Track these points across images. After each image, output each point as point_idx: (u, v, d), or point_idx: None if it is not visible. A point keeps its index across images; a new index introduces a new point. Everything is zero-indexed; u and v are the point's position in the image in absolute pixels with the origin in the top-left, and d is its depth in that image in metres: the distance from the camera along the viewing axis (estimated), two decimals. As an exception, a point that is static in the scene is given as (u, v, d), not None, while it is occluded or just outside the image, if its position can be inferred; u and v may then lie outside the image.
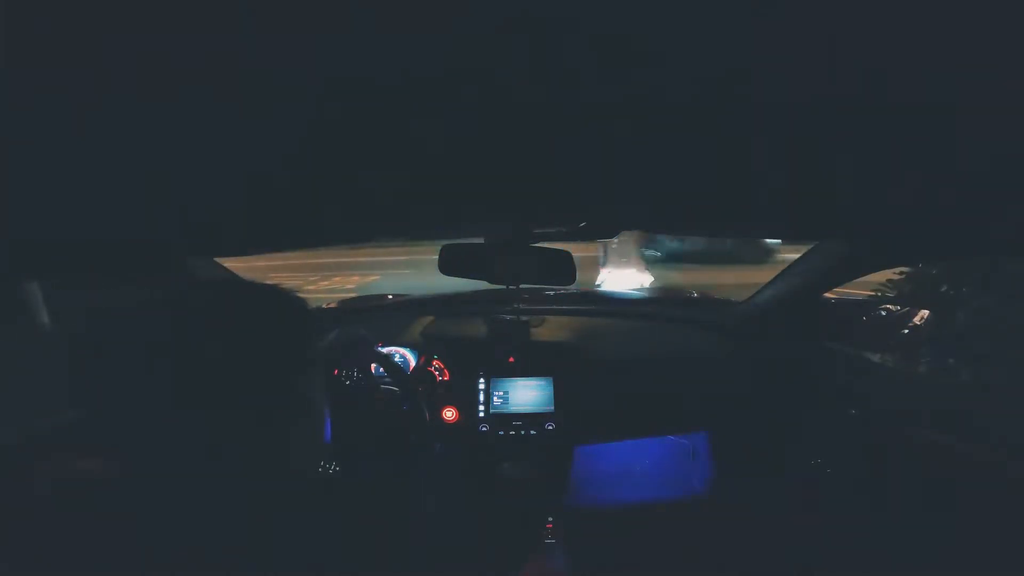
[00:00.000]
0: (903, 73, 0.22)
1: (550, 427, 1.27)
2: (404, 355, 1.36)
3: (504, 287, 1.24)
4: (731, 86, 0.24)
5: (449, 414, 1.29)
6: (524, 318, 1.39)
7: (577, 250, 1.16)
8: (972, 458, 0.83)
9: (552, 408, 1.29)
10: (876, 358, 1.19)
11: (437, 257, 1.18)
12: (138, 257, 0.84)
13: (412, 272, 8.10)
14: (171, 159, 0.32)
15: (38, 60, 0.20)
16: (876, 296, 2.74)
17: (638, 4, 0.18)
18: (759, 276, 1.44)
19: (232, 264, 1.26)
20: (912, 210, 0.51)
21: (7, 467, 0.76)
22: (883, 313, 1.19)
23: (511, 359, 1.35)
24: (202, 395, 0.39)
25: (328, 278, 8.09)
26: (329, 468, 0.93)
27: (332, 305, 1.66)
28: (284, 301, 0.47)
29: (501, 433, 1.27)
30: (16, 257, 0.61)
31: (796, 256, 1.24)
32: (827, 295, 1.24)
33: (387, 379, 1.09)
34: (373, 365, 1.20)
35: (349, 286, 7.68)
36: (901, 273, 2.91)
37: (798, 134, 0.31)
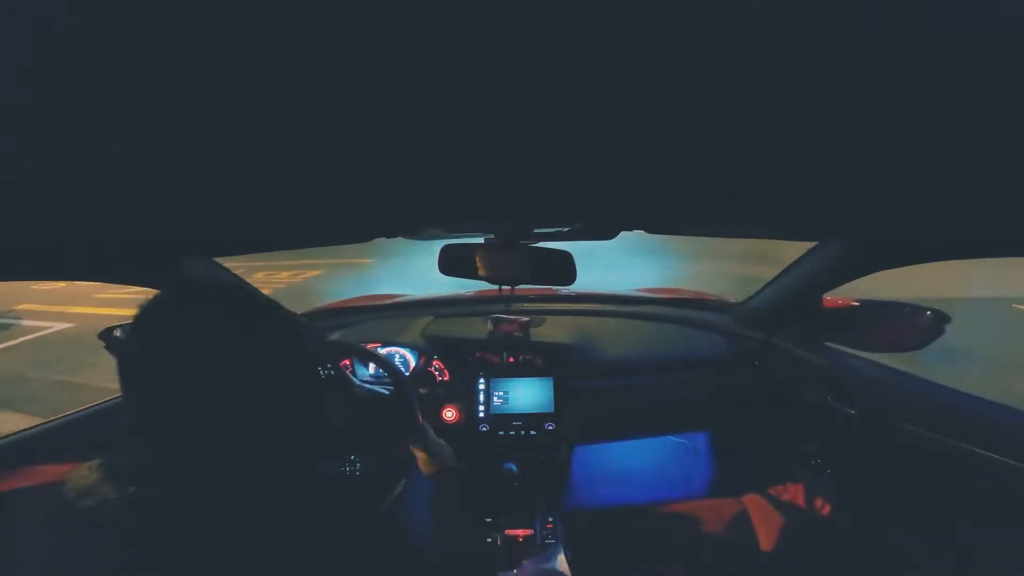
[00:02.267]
0: (903, 71, 0.22)
1: (550, 427, 1.27)
2: (404, 355, 1.36)
3: (503, 287, 1.24)
4: (730, 83, 0.24)
5: (449, 414, 1.29)
6: (524, 318, 1.39)
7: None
8: (972, 458, 0.83)
9: (552, 408, 1.29)
10: (876, 358, 1.18)
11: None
12: (138, 257, 0.84)
13: (375, 262, 6.19)
14: (172, 158, 0.32)
15: (37, 58, 0.20)
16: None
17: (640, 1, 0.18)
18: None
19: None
20: (912, 210, 0.50)
21: None
22: (883, 313, 1.19)
23: (511, 359, 1.35)
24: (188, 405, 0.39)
25: (251, 271, 5.89)
26: (349, 470, 0.92)
27: (332, 305, 1.66)
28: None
29: (501, 433, 1.27)
30: (16, 257, 0.61)
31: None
32: (827, 295, 1.24)
33: (386, 378, 1.09)
34: (361, 363, 1.19)
35: (271, 288, 5.32)
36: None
37: (798, 133, 0.31)
